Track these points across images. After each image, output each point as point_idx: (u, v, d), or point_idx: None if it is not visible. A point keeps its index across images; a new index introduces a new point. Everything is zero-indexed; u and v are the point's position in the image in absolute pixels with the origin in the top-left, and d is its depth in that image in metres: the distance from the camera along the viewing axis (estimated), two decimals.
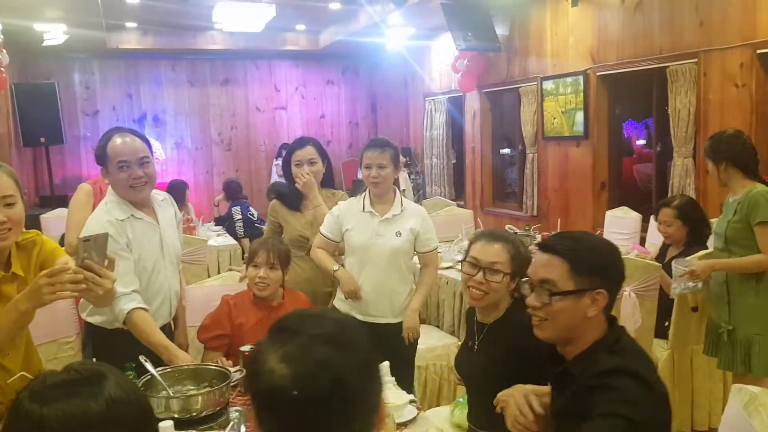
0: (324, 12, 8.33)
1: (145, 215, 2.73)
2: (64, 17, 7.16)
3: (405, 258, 3.31)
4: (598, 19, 6.11)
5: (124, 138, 2.65)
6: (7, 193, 2.05)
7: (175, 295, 2.87)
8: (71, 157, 10.04)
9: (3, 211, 2.03)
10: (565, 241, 1.80)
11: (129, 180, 2.62)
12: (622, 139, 6.69)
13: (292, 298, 3.12)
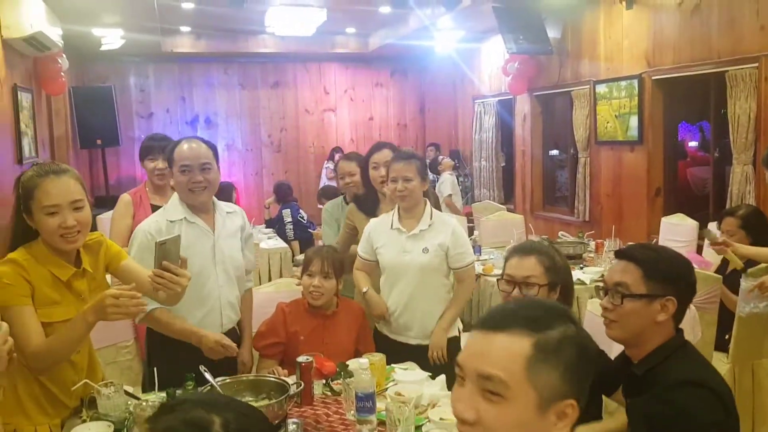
0: (374, 15, 8.35)
1: (201, 221, 2.77)
2: (122, 22, 7.34)
3: (436, 275, 3.14)
4: (654, 21, 5.98)
5: (191, 143, 2.74)
6: (77, 198, 2.14)
7: (229, 305, 2.85)
8: (126, 158, 10.27)
9: (73, 215, 2.11)
10: (642, 249, 1.91)
11: (189, 183, 2.70)
12: (677, 145, 6.53)
13: (347, 307, 3.13)
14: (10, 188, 5.24)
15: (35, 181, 2.11)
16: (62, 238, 2.11)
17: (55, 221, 2.09)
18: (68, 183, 2.13)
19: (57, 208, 2.09)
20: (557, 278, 2.32)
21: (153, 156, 3.63)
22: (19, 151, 5.61)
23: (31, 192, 2.10)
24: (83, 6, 6.17)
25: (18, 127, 5.59)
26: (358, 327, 3.12)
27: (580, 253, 4.73)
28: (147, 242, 2.64)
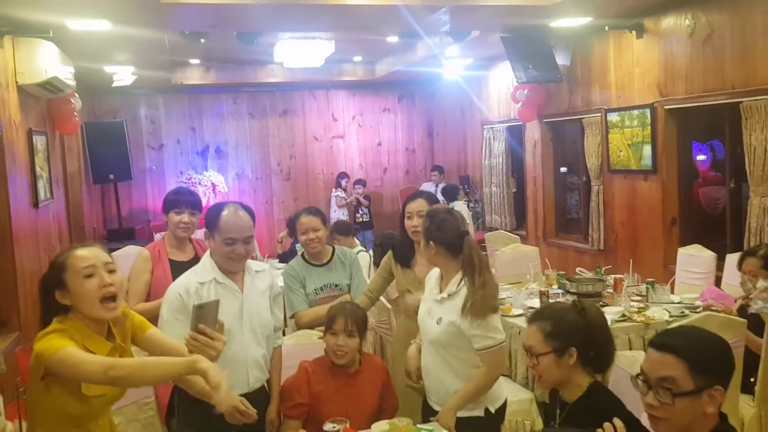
0: (381, 44, 8.38)
1: (230, 281, 2.80)
2: (133, 60, 7.38)
3: (449, 349, 2.84)
4: (665, 51, 5.97)
5: (237, 214, 2.78)
6: (109, 260, 2.19)
7: (256, 364, 2.86)
8: (137, 191, 10.31)
9: (108, 276, 2.15)
10: (679, 338, 1.84)
11: (230, 254, 2.74)
12: (692, 174, 6.49)
13: (370, 364, 3.11)
14: (27, 232, 5.31)
15: (66, 254, 2.16)
16: (103, 305, 2.12)
17: (94, 282, 2.11)
18: (98, 249, 2.20)
19: (93, 269, 2.12)
20: (564, 342, 2.28)
21: (179, 209, 3.62)
22: (35, 194, 5.63)
23: (62, 265, 2.14)
24: (95, 46, 6.21)
25: (33, 170, 5.62)
26: (382, 384, 3.09)
27: (600, 290, 4.69)
28: (178, 303, 2.69)
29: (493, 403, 2.92)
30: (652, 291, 4.68)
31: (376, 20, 6.03)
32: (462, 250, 2.83)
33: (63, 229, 7.08)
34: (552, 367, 2.30)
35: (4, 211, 4.76)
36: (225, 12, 5.15)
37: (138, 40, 6.02)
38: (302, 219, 3.78)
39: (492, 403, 2.92)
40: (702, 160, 9.46)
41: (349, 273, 3.84)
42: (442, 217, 2.93)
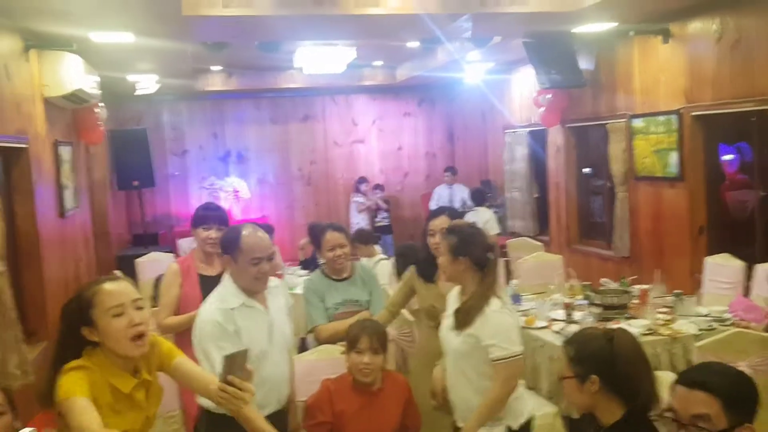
0: (402, 49, 8.36)
1: (257, 303, 2.80)
2: (156, 69, 7.44)
3: (470, 362, 2.83)
4: (692, 56, 5.88)
5: (257, 233, 2.79)
6: (136, 297, 2.16)
7: (285, 381, 2.89)
8: (161, 196, 10.39)
9: (137, 314, 2.13)
10: (711, 375, 1.82)
11: (257, 274, 2.73)
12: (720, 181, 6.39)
13: (392, 381, 3.09)
14: (55, 243, 5.36)
15: (94, 289, 2.13)
16: (132, 343, 2.11)
17: (123, 321, 2.10)
18: (126, 284, 2.17)
19: (122, 307, 2.10)
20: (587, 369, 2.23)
21: (208, 225, 3.64)
22: (61, 204, 5.69)
23: (91, 300, 2.11)
24: (119, 57, 6.26)
25: (59, 181, 5.68)
26: (405, 401, 3.08)
27: (625, 302, 4.62)
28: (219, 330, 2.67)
29: (514, 421, 2.89)
30: (680, 303, 4.61)
31: (398, 28, 6.02)
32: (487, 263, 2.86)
33: (89, 237, 7.16)
34: (575, 391, 2.28)
35: (32, 223, 4.82)
36: (246, 23, 5.16)
37: (161, 50, 6.06)
38: (328, 236, 3.78)
39: (513, 420, 2.89)
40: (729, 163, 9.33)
41: (368, 289, 3.84)
42: (470, 231, 2.93)
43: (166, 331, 3.66)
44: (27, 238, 4.80)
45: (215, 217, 3.67)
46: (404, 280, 3.73)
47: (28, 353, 4.01)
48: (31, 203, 4.82)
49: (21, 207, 4.77)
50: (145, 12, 4.57)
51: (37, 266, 4.84)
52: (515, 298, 4.99)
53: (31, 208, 4.82)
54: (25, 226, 4.78)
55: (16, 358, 3.69)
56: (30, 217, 4.82)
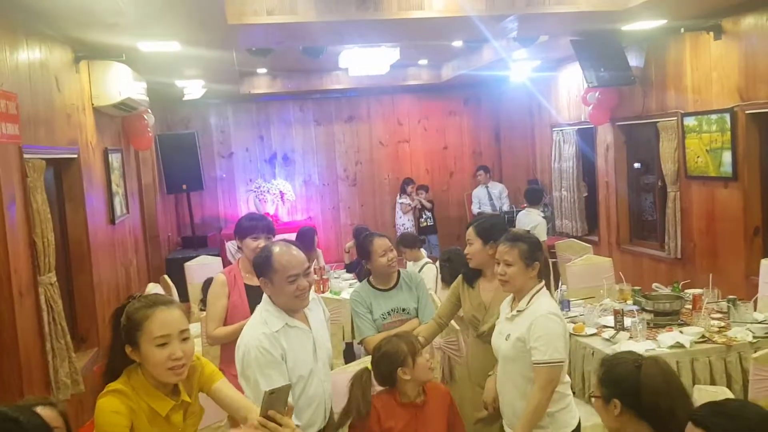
0: (447, 48, 8.30)
1: (299, 322, 2.77)
2: (203, 74, 7.54)
3: (518, 367, 2.89)
4: (746, 53, 5.67)
5: (291, 251, 2.73)
6: (184, 328, 2.17)
7: (330, 397, 2.88)
8: (209, 198, 10.55)
9: (180, 346, 2.13)
10: (720, 418, 1.73)
11: (296, 291, 2.69)
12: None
13: (434, 392, 3.07)
14: (105, 249, 5.48)
15: (145, 313, 2.13)
16: (170, 371, 2.12)
17: (165, 353, 2.11)
18: (177, 313, 2.17)
19: (168, 338, 2.12)
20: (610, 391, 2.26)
21: (256, 235, 3.66)
22: (111, 211, 5.81)
23: (139, 324, 2.12)
24: (166, 64, 6.36)
25: (110, 188, 5.81)
26: (448, 411, 3.06)
27: (678, 309, 4.50)
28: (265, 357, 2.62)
29: (559, 431, 2.89)
30: (734, 309, 4.46)
31: (442, 31, 5.96)
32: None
33: (139, 240, 7.31)
34: (601, 411, 2.31)
35: (83, 231, 4.93)
36: (290, 29, 5.18)
37: (207, 57, 6.13)
38: (377, 241, 3.78)
39: (558, 430, 2.89)
40: None
41: (416, 296, 3.81)
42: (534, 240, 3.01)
43: (214, 342, 3.70)
44: (78, 246, 4.91)
45: (264, 227, 3.69)
46: (451, 290, 3.70)
47: (78, 361, 4.11)
48: (82, 211, 4.94)
49: (73, 215, 4.89)
50: (190, 22, 4.62)
51: (87, 273, 4.95)
52: (564, 304, 4.91)
53: (82, 216, 4.94)
54: (76, 234, 4.90)
55: (66, 367, 3.78)
56: (81, 224, 4.93)
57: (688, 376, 3.94)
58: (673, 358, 3.94)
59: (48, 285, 3.83)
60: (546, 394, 2.80)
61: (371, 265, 3.84)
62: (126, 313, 2.18)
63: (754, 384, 3.31)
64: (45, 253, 3.81)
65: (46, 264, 3.83)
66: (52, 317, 3.84)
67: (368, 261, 3.83)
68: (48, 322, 3.80)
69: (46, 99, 4.32)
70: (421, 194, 10.30)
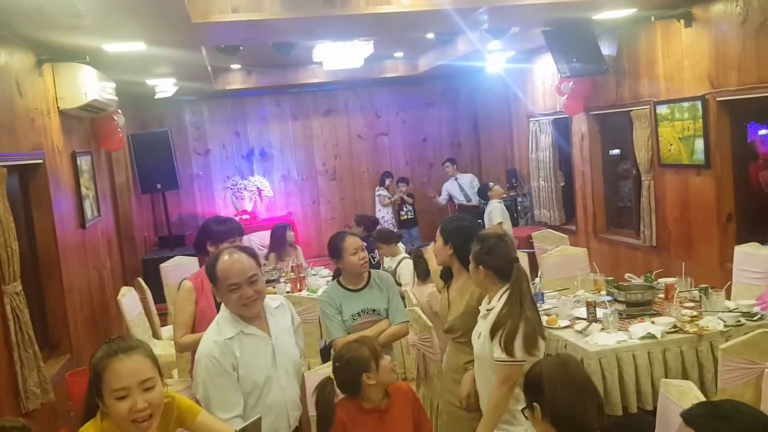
0: (422, 40, 8.26)
1: (256, 329, 2.72)
2: (173, 72, 7.45)
3: (491, 365, 2.94)
4: (716, 40, 5.69)
5: (232, 256, 2.68)
6: (147, 377, 2.04)
7: (294, 405, 2.81)
8: (186, 196, 10.47)
9: (143, 396, 2.01)
10: (711, 419, 1.69)
11: (240, 300, 2.64)
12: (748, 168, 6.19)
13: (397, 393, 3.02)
14: (75, 253, 5.42)
15: (104, 363, 2.02)
16: (134, 424, 2.02)
17: (125, 406, 2.00)
18: (138, 361, 2.04)
19: (127, 390, 2.00)
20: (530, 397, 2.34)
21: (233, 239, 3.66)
22: (81, 215, 5.74)
23: (100, 375, 2.02)
24: (134, 64, 6.27)
25: (79, 192, 5.73)
26: (412, 410, 3.03)
27: (650, 299, 4.51)
28: (215, 367, 2.59)
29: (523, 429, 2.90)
30: (706, 298, 4.47)
31: (412, 24, 5.92)
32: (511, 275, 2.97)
33: (113, 242, 7.23)
34: (531, 419, 2.35)
35: (50, 237, 4.86)
36: (256, 27, 5.12)
37: (175, 56, 6.05)
38: (349, 239, 3.73)
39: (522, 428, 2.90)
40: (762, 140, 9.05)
41: (386, 297, 3.77)
42: (493, 242, 3.04)
43: (182, 349, 3.66)
44: (46, 252, 4.84)
45: (238, 229, 3.65)
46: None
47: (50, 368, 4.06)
48: (49, 217, 4.86)
49: (40, 221, 4.81)
50: (153, 22, 4.55)
51: (57, 279, 4.88)
52: (538, 297, 4.89)
53: (50, 221, 4.86)
54: (44, 240, 4.82)
55: (35, 377, 3.73)
56: (49, 231, 4.86)
57: (660, 366, 3.95)
58: (645, 349, 3.95)
59: (14, 294, 3.77)
60: (503, 391, 2.86)
61: (342, 264, 3.80)
62: (91, 363, 2.09)
63: (723, 374, 3.32)
64: (9, 262, 3.75)
65: (10, 273, 3.77)
66: (19, 327, 3.79)
67: (339, 259, 3.79)
68: (15, 332, 3.75)
69: (7, 104, 4.24)
70: (402, 186, 10.27)
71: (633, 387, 3.92)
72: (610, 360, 3.90)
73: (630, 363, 3.92)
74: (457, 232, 3.47)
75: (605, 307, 4.52)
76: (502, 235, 3.13)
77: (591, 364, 3.88)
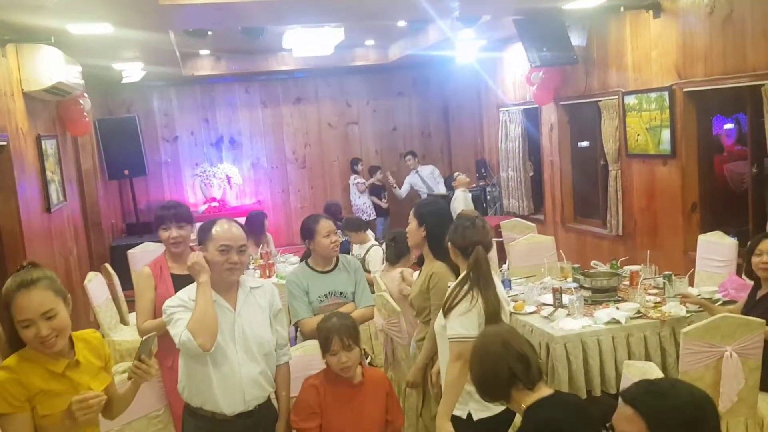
0: (393, 28, 8.25)
1: (222, 299, 2.79)
2: (141, 56, 7.34)
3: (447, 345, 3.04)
4: (683, 31, 5.77)
5: (231, 225, 2.83)
6: (46, 309, 2.20)
7: (253, 383, 2.82)
8: (154, 183, 10.33)
9: (46, 324, 2.19)
10: (648, 396, 1.73)
11: (226, 263, 2.75)
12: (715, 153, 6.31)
13: (372, 376, 3.10)
14: (40, 238, 5.32)
15: (10, 296, 2.19)
16: (42, 345, 2.20)
17: (30, 333, 2.18)
18: (38, 296, 2.19)
19: (29, 321, 2.18)
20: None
21: (166, 225, 3.59)
22: (47, 199, 5.63)
23: (8, 306, 2.20)
24: (100, 47, 6.16)
25: (44, 176, 5.62)
26: (386, 395, 3.07)
27: (615, 285, 4.58)
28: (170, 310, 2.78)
29: (477, 412, 2.97)
30: (669, 285, 4.56)
31: (384, 9, 5.91)
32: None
33: (79, 228, 7.12)
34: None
35: (15, 221, 4.77)
36: (226, 9, 5.05)
37: (143, 39, 5.96)
38: (323, 222, 3.80)
39: (476, 411, 2.97)
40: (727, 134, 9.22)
41: (354, 280, 3.81)
42: (465, 223, 3.11)
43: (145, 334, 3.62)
44: (11, 236, 4.76)
45: (172, 216, 3.60)
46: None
47: None
48: (14, 200, 4.77)
49: (4, 205, 4.73)
50: (120, 3, 4.48)
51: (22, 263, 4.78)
52: (506, 284, 4.95)
53: (14, 205, 4.77)
54: (8, 224, 4.74)
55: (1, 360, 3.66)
56: (13, 214, 4.77)
57: (624, 351, 4.02)
58: (609, 334, 4.02)
59: None
60: (456, 369, 2.90)
61: (313, 246, 3.82)
62: (1, 294, 2.24)
63: (684, 357, 3.38)
64: None
65: None
66: None
67: (311, 241, 3.81)
68: None
69: None
70: (378, 175, 10.33)
71: (597, 371, 3.99)
72: (575, 344, 3.96)
73: (595, 347, 3.99)
74: (432, 214, 3.52)
75: (571, 293, 4.58)
76: (476, 217, 3.17)
77: (556, 348, 3.94)
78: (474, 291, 2.92)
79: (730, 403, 3.38)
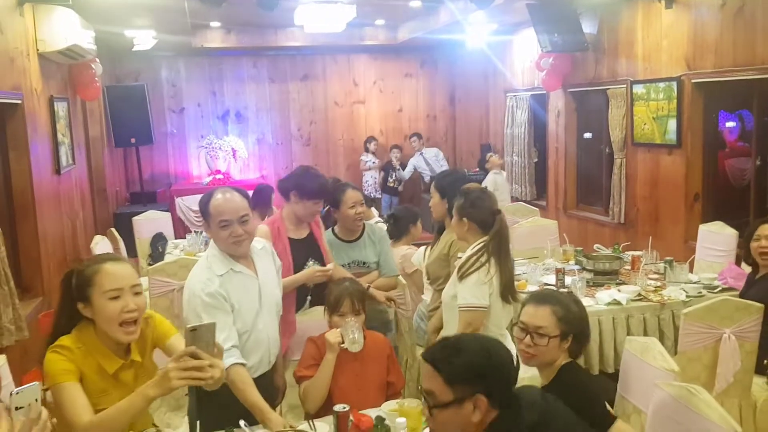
0: (404, 8, 8.25)
1: (245, 268, 2.78)
2: (153, 24, 7.35)
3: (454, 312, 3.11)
4: (695, 22, 5.81)
5: (225, 195, 2.72)
6: (135, 282, 2.20)
7: (275, 343, 2.90)
8: (159, 153, 10.36)
9: (133, 299, 2.16)
10: (441, 351, 1.89)
11: (230, 238, 2.69)
12: (719, 146, 6.37)
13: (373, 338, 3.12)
14: (50, 199, 5.37)
15: (95, 268, 2.14)
16: (122, 328, 2.14)
17: (117, 306, 2.13)
18: (127, 267, 2.20)
19: (119, 291, 2.14)
20: (570, 328, 2.42)
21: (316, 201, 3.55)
22: (57, 161, 5.68)
23: (90, 278, 2.13)
24: (115, 12, 6.18)
25: (55, 137, 5.66)
26: (387, 357, 3.12)
27: (617, 269, 4.66)
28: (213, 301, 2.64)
29: None
30: (670, 270, 4.64)
31: None
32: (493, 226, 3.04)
33: (86, 193, 7.17)
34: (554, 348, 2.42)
35: (26, 180, 4.82)
36: None
37: (156, 5, 5.97)
38: (349, 192, 3.76)
39: None
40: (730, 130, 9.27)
41: (378, 250, 3.85)
42: (477, 195, 3.11)
43: None
44: (22, 195, 4.80)
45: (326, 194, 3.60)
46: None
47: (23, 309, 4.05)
48: (26, 160, 4.82)
49: (16, 164, 4.77)
50: None
51: (32, 222, 4.85)
52: None
53: (26, 164, 4.82)
54: (20, 183, 4.78)
55: (10, 313, 3.73)
56: (26, 173, 4.82)
57: (623, 332, 4.10)
58: (610, 315, 4.10)
59: None
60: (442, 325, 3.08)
61: (338, 215, 3.85)
62: (76, 270, 2.18)
63: (684, 338, 3.46)
64: None
65: None
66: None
67: (336, 210, 3.83)
68: None
69: None
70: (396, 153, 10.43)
71: (596, 350, 4.08)
72: None
73: (595, 327, 4.06)
74: (453, 186, 3.54)
75: (573, 274, 4.66)
76: (484, 188, 3.21)
77: None
78: (492, 261, 2.95)
79: (726, 383, 3.46)
